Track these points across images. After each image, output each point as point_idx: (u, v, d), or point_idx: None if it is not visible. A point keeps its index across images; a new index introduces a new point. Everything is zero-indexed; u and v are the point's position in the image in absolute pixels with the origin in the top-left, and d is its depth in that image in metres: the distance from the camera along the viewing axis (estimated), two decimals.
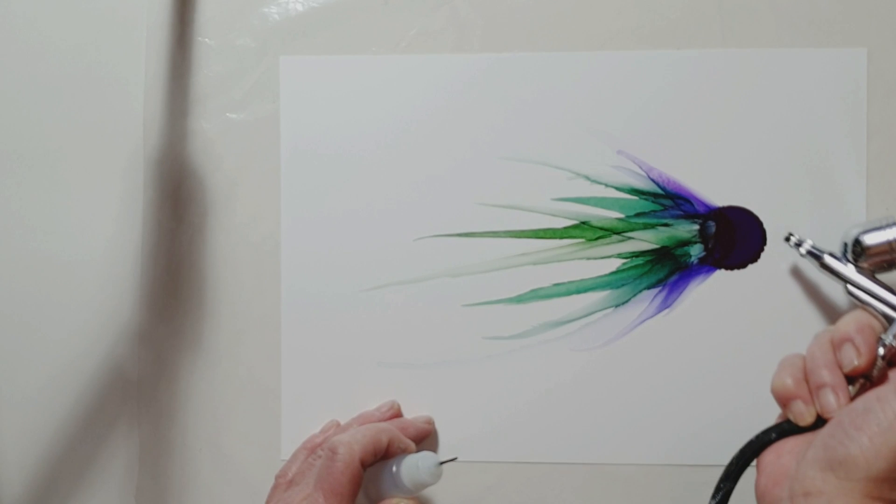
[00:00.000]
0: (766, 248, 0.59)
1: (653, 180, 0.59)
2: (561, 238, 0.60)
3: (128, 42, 0.62)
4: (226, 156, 0.61)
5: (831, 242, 0.56)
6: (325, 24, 0.61)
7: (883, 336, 0.48)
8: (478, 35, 0.60)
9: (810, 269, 0.58)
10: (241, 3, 0.62)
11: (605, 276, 0.59)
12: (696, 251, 0.59)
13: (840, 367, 0.47)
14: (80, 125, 0.62)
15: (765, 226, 0.59)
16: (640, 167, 0.59)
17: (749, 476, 0.48)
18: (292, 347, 0.61)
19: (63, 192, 0.62)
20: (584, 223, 0.60)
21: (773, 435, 0.49)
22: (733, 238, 0.59)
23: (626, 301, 0.59)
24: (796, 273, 0.59)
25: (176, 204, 0.62)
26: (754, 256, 0.59)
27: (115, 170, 0.62)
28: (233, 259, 0.61)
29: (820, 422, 0.47)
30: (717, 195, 0.59)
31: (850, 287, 0.53)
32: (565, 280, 0.59)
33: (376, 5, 0.61)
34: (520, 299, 0.60)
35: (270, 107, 0.61)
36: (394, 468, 0.53)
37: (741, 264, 0.59)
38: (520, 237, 0.60)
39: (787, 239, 0.56)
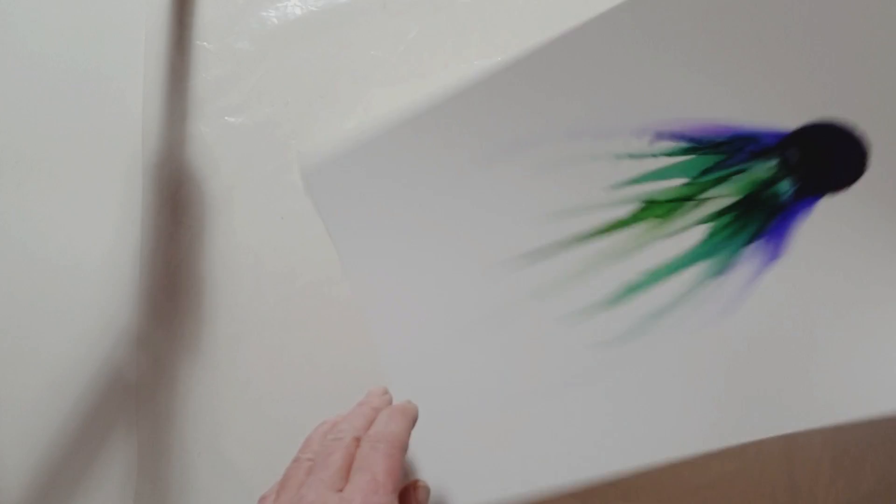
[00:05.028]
0: (872, 151, 0.47)
1: (702, 131, 0.50)
2: (631, 225, 0.52)
3: (126, 46, 0.62)
4: (224, 160, 0.61)
5: None
6: (323, 28, 0.61)
7: None
8: (476, 38, 0.60)
9: None
10: (239, 6, 0.62)
11: (695, 248, 0.51)
12: (785, 187, 0.50)
13: None
14: (79, 129, 0.62)
15: (853, 128, 0.47)
16: (681, 126, 0.51)
17: None
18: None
19: (62, 196, 0.62)
20: (649, 202, 0.52)
21: None
22: (825, 156, 0.48)
23: (727, 266, 0.50)
24: None
25: (175, 208, 0.62)
26: (859, 166, 0.48)
27: (114, 174, 0.62)
28: (231, 263, 0.61)
29: None
30: (782, 119, 0.49)
31: None
32: (653, 266, 0.51)
33: (375, 9, 0.61)
34: (616, 299, 0.51)
35: (269, 110, 0.61)
36: None
37: (847, 182, 0.48)
38: (590, 238, 0.52)
39: None
